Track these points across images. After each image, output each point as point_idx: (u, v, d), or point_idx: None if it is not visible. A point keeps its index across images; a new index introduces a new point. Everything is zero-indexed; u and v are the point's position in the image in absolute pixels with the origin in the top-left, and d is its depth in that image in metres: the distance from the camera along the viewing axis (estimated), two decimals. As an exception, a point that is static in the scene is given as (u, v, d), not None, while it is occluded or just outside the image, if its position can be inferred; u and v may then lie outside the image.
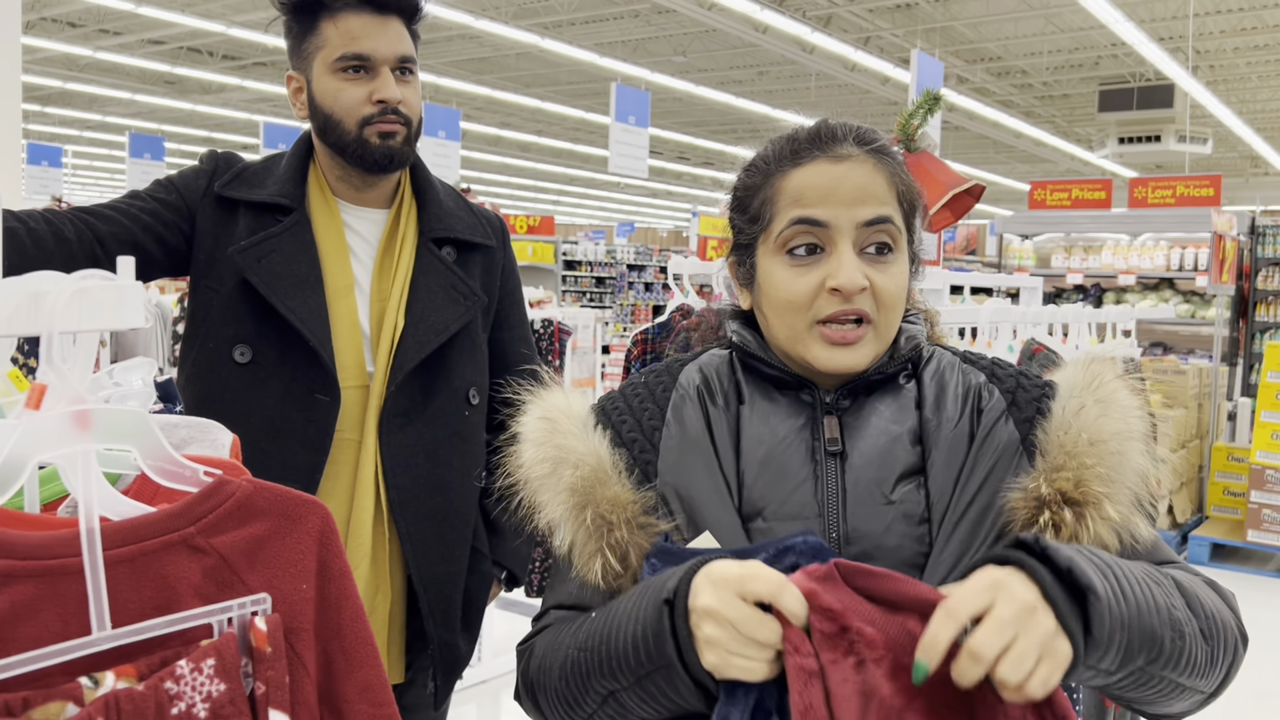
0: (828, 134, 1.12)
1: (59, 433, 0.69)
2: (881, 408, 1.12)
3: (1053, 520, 1.01)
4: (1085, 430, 1.03)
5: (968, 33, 13.93)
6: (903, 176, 1.13)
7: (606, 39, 14.41)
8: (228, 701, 0.73)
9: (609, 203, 33.33)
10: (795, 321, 1.09)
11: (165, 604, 0.73)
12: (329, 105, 1.72)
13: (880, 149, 1.12)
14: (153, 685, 0.70)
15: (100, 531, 0.70)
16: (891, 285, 1.08)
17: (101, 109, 19.74)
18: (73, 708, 0.68)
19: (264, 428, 1.66)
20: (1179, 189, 9.59)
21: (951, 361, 1.17)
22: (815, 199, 1.08)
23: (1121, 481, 1.02)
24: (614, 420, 1.16)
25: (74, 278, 0.66)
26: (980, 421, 1.10)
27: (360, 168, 1.75)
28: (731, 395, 1.16)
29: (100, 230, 1.62)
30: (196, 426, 0.90)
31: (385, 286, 1.76)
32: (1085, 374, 1.09)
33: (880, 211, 1.08)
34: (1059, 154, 20.42)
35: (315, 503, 0.81)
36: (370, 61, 1.70)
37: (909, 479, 1.07)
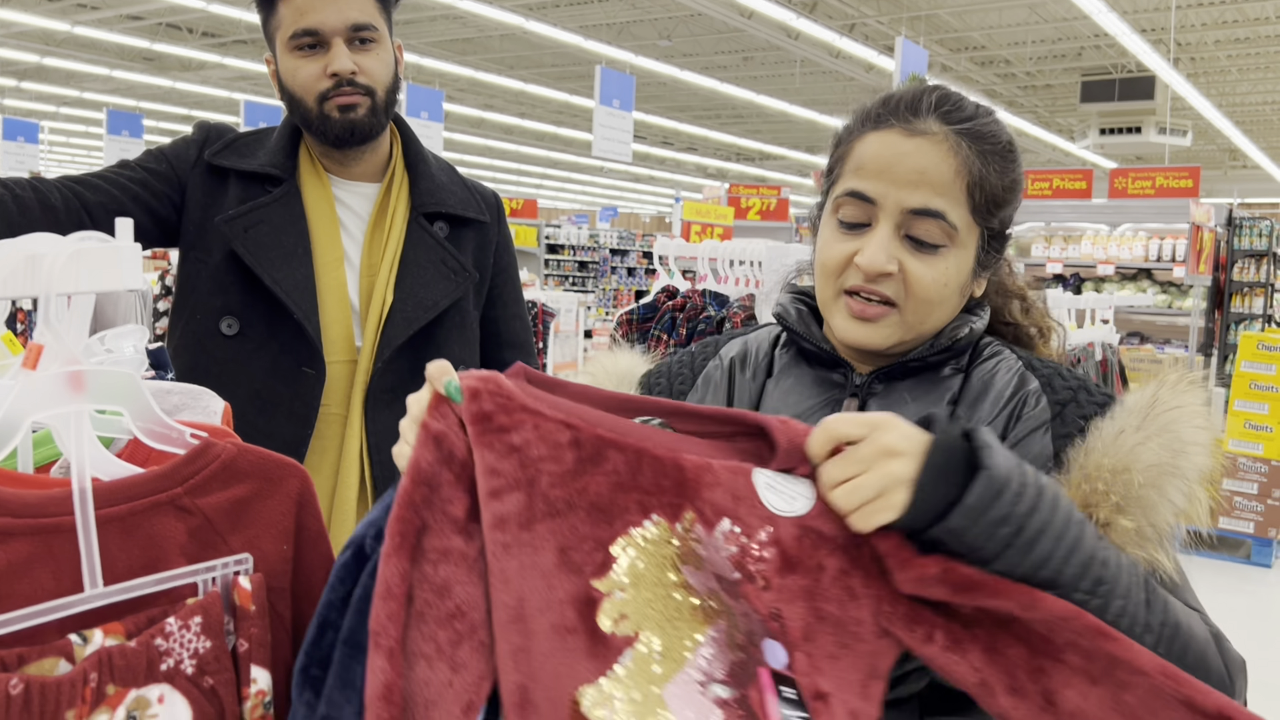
0: (911, 102, 1.04)
1: (54, 393, 0.70)
2: (910, 398, 1.07)
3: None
4: (1114, 456, 0.94)
5: (952, 21, 13.95)
6: (986, 169, 1.03)
7: (591, 21, 14.35)
8: (213, 658, 0.75)
9: (592, 187, 33.25)
10: (826, 286, 1.08)
11: (153, 563, 0.74)
12: (290, 84, 1.72)
13: (964, 131, 1.03)
14: (144, 642, 0.72)
15: (92, 491, 0.71)
16: (928, 277, 1.03)
17: (79, 85, 19.50)
18: (64, 663, 0.69)
19: (251, 400, 1.67)
20: (1159, 180, 9.68)
21: (1010, 365, 1.09)
22: (872, 171, 1.03)
23: (1141, 514, 0.92)
24: (651, 382, 1.20)
25: (71, 239, 0.67)
26: (1014, 428, 1.03)
27: (325, 143, 1.74)
28: (763, 368, 1.16)
29: (88, 199, 1.62)
30: (189, 393, 0.91)
31: (375, 261, 1.76)
32: (1147, 398, 0.99)
33: (931, 203, 1.01)
34: (1041, 144, 20.51)
35: (295, 466, 0.83)
36: (320, 35, 1.67)
37: None
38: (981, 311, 1.12)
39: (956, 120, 1.03)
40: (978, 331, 1.10)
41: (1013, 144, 1.07)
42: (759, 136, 22.50)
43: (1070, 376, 1.08)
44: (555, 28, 13.43)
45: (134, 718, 0.72)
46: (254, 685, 0.79)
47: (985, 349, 1.11)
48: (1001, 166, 1.05)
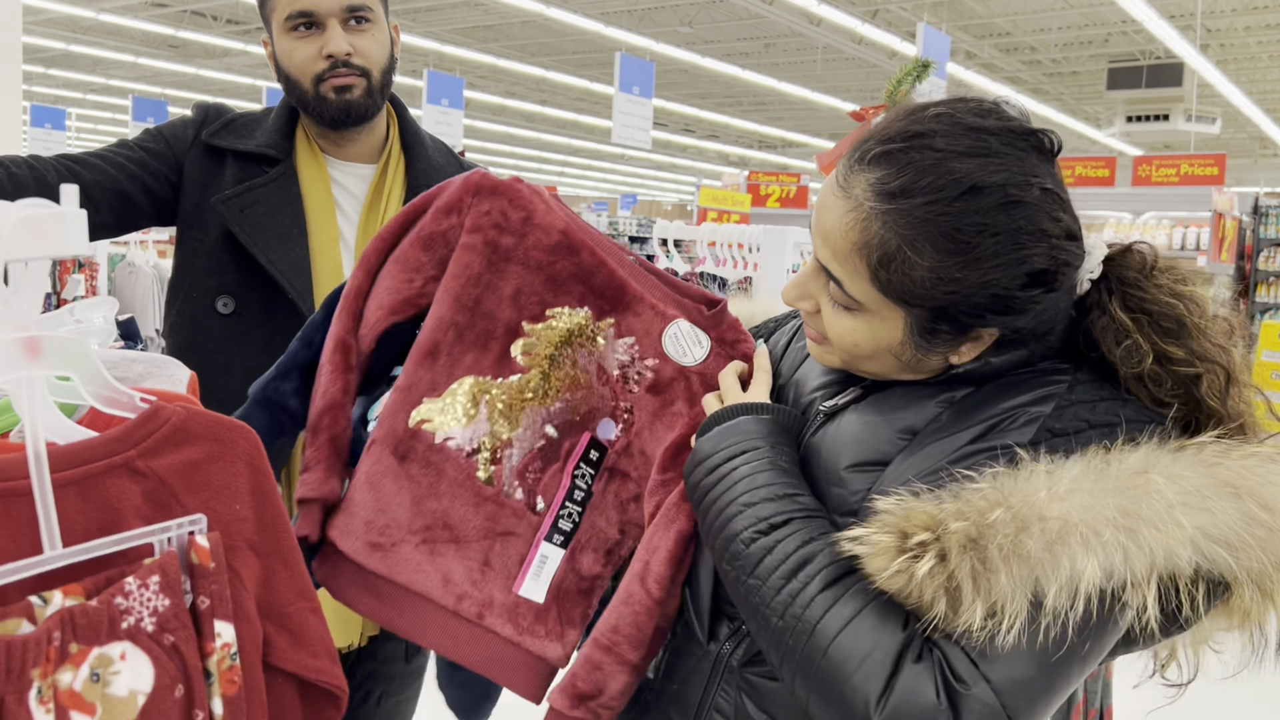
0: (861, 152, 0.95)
1: (8, 358, 0.72)
2: (905, 390, 1.02)
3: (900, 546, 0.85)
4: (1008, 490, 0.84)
5: (976, 7, 13.82)
6: (899, 250, 0.90)
7: (612, 8, 14.32)
8: (172, 616, 0.77)
9: (613, 175, 33.22)
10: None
11: (109, 525, 0.76)
12: (286, 65, 1.73)
13: (901, 209, 0.90)
14: (104, 601, 0.74)
15: (47, 455, 0.72)
16: (836, 329, 1.00)
17: (105, 72, 19.67)
18: (27, 624, 0.71)
19: (245, 378, 1.67)
20: (1183, 168, 9.56)
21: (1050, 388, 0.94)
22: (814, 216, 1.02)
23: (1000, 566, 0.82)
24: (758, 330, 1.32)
25: (17, 205, 0.68)
26: (981, 439, 0.92)
27: (322, 124, 1.76)
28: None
29: (85, 177, 1.63)
30: (154, 362, 0.93)
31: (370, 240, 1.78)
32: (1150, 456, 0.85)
33: (830, 265, 0.97)
34: (1066, 132, 20.30)
35: (244, 427, 0.85)
36: (316, 16, 1.69)
37: (869, 468, 0.98)
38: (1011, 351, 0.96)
39: (892, 193, 0.90)
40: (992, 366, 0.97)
41: (972, 240, 0.89)
42: (781, 124, 22.39)
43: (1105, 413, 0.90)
44: (576, 14, 13.41)
45: (98, 675, 0.74)
46: (218, 639, 0.81)
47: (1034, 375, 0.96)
48: (937, 259, 0.89)
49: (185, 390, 0.92)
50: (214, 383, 1.70)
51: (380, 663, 1.87)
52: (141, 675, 0.74)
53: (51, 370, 0.75)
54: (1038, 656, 0.83)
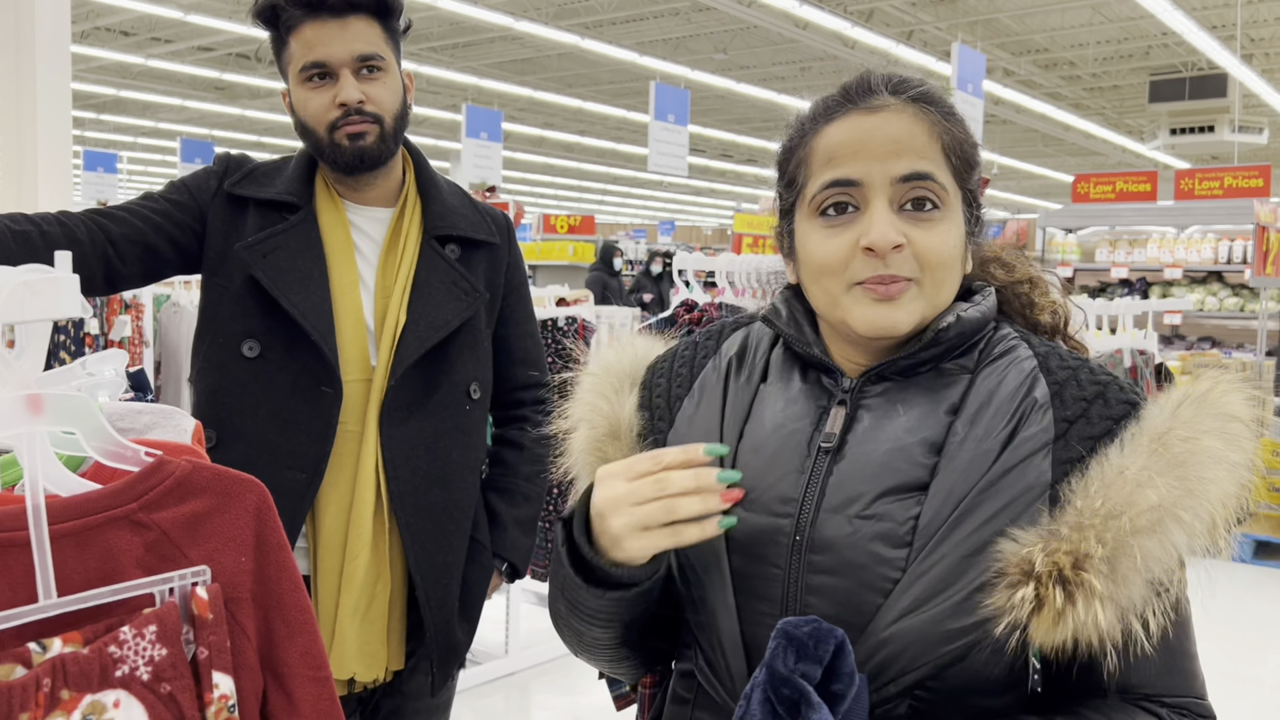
0: (861, 85, 1.02)
1: (11, 414, 0.75)
2: (903, 408, 1.00)
3: (1037, 595, 0.87)
4: (1110, 498, 0.88)
5: (1013, 24, 13.75)
6: (952, 127, 1.01)
7: (647, 38, 14.44)
8: (169, 665, 0.78)
9: (653, 202, 33.37)
10: (831, 286, 1.00)
11: (109, 575, 0.78)
12: (302, 114, 1.78)
13: (922, 95, 1.01)
14: (97, 649, 0.76)
15: (46, 507, 0.75)
16: (936, 243, 0.97)
17: (154, 116, 20.20)
18: (21, 669, 0.74)
19: (272, 420, 1.73)
20: (1227, 180, 9.41)
21: (1024, 366, 0.99)
22: (847, 155, 0.99)
23: (1132, 574, 0.87)
24: (650, 381, 1.17)
25: (18, 271, 0.71)
26: (1008, 452, 0.94)
27: (337, 170, 1.81)
28: (758, 370, 1.10)
29: (112, 231, 1.69)
30: (160, 413, 0.95)
31: (389, 283, 1.82)
32: (1163, 422, 0.91)
33: (918, 166, 0.97)
34: (1109, 146, 20.07)
35: (252, 481, 0.86)
36: (329, 66, 1.74)
37: (905, 494, 0.95)
38: (979, 298, 1.04)
39: (910, 90, 1.01)
40: (969, 321, 1.01)
41: (957, 109, 1.06)
42: (819, 146, 22.32)
43: (1089, 382, 0.97)
44: (611, 45, 13.55)
45: (90, 722, 0.76)
46: (216, 690, 0.83)
47: (999, 343, 1.02)
48: (961, 127, 1.03)
49: (190, 440, 0.95)
50: (242, 424, 1.75)
51: (406, 698, 1.89)
52: (136, 723, 0.76)
53: (54, 426, 0.78)
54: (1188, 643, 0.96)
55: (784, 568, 0.97)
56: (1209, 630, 3.31)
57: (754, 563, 0.99)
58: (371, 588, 1.76)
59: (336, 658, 1.73)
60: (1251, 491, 0.91)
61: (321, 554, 1.76)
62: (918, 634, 0.90)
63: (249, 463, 1.10)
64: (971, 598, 0.90)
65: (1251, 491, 0.91)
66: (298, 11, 1.73)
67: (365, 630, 1.76)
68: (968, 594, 0.90)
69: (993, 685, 0.94)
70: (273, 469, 1.69)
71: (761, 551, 0.99)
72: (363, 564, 1.75)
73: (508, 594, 4.36)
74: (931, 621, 0.90)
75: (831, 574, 0.95)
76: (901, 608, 0.91)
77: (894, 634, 0.91)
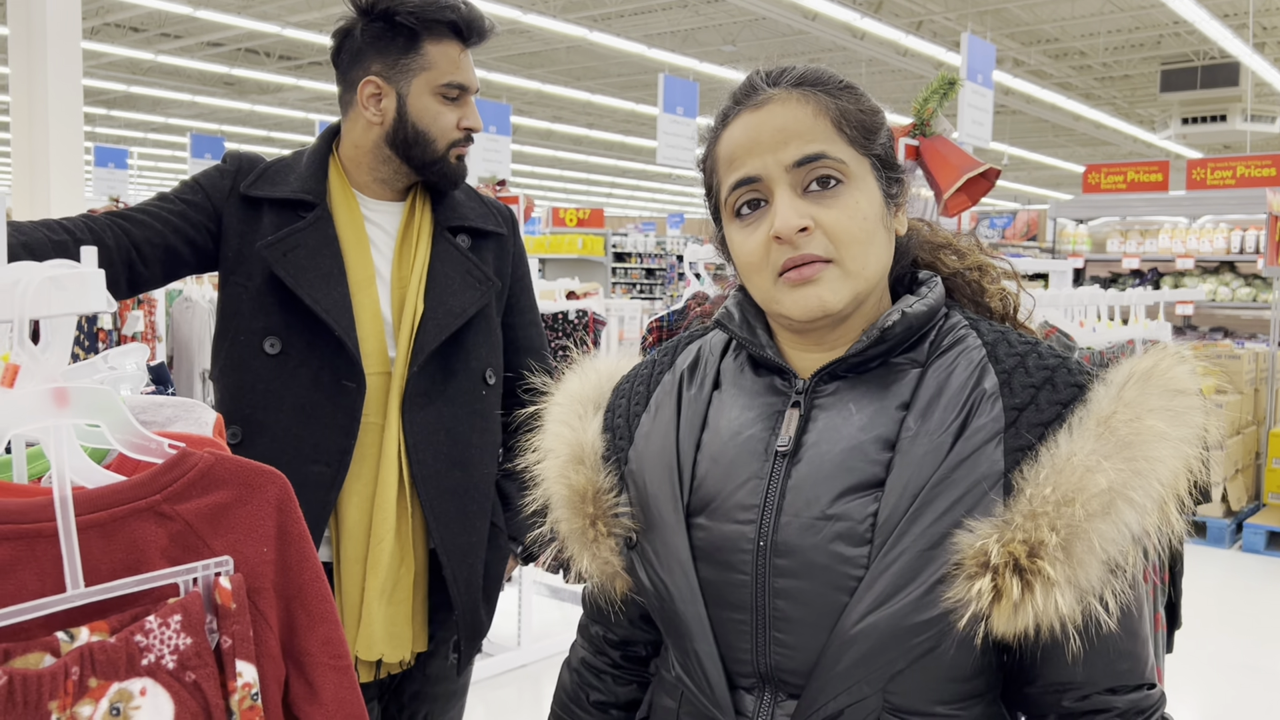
0: (746, 85, 1.05)
1: (37, 407, 0.76)
2: (855, 406, 1.01)
3: (995, 585, 0.88)
4: (1061, 485, 0.89)
5: (1022, 14, 13.69)
6: (839, 101, 1.02)
7: (655, 30, 14.42)
8: (194, 654, 0.80)
9: (662, 194, 33.34)
10: (760, 282, 1.02)
11: (134, 566, 0.80)
12: (425, 124, 1.83)
13: (801, 79, 1.03)
14: (123, 638, 0.77)
15: (73, 499, 0.76)
16: (844, 219, 0.98)
17: (164, 111, 20.26)
18: (50, 658, 0.75)
19: (296, 414, 1.76)
20: (1239, 169, 9.34)
21: (972, 356, 1.00)
22: (743, 154, 1.01)
23: (1088, 557, 0.89)
24: (611, 403, 1.17)
25: (44, 267, 0.73)
26: (963, 438, 0.95)
27: (439, 184, 1.89)
28: (710, 378, 1.11)
29: (135, 235, 1.72)
30: (181, 406, 0.97)
31: (405, 274, 1.85)
32: (1108, 406, 0.92)
33: (807, 149, 0.99)
34: (1120, 136, 19.97)
35: (274, 473, 0.87)
36: (468, 90, 1.86)
37: (862, 492, 0.96)
38: (925, 290, 1.05)
39: (789, 77, 1.03)
40: (916, 316, 1.02)
41: (849, 81, 1.07)
42: (828, 138, 22.24)
43: (1037, 368, 0.97)
44: (619, 37, 13.53)
45: (117, 709, 0.77)
46: (240, 679, 0.84)
47: (949, 334, 1.03)
48: (853, 97, 1.04)
49: (211, 433, 0.96)
50: (266, 420, 1.77)
51: (429, 681, 1.92)
52: (162, 711, 0.77)
53: (80, 418, 0.79)
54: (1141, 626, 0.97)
55: (750, 574, 0.99)
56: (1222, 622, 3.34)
57: (721, 571, 1.01)
58: (396, 570, 1.80)
59: (365, 640, 1.76)
60: (1205, 465, 0.92)
61: (345, 542, 1.78)
62: (885, 629, 0.92)
63: (274, 458, 1.12)
64: (934, 590, 0.91)
65: (1205, 465, 0.92)
66: (455, 32, 1.82)
67: (391, 612, 1.79)
68: (930, 587, 0.91)
69: (962, 672, 0.97)
70: (298, 464, 1.72)
71: (727, 559, 1.01)
72: (388, 548, 1.78)
73: (520, 586, 4.38)
74: (898, 616, 0.92)
75: (796, 577, 0.96)
76: (867, 605, 0.93)
77: (862, 631, 0.93)
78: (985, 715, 1.00)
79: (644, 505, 1.07)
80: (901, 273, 1.10)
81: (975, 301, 1.13)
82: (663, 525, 1.05)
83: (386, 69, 1.82)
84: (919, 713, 0.96)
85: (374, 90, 1.83)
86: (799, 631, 0.96)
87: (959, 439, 0.95)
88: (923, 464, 0.95)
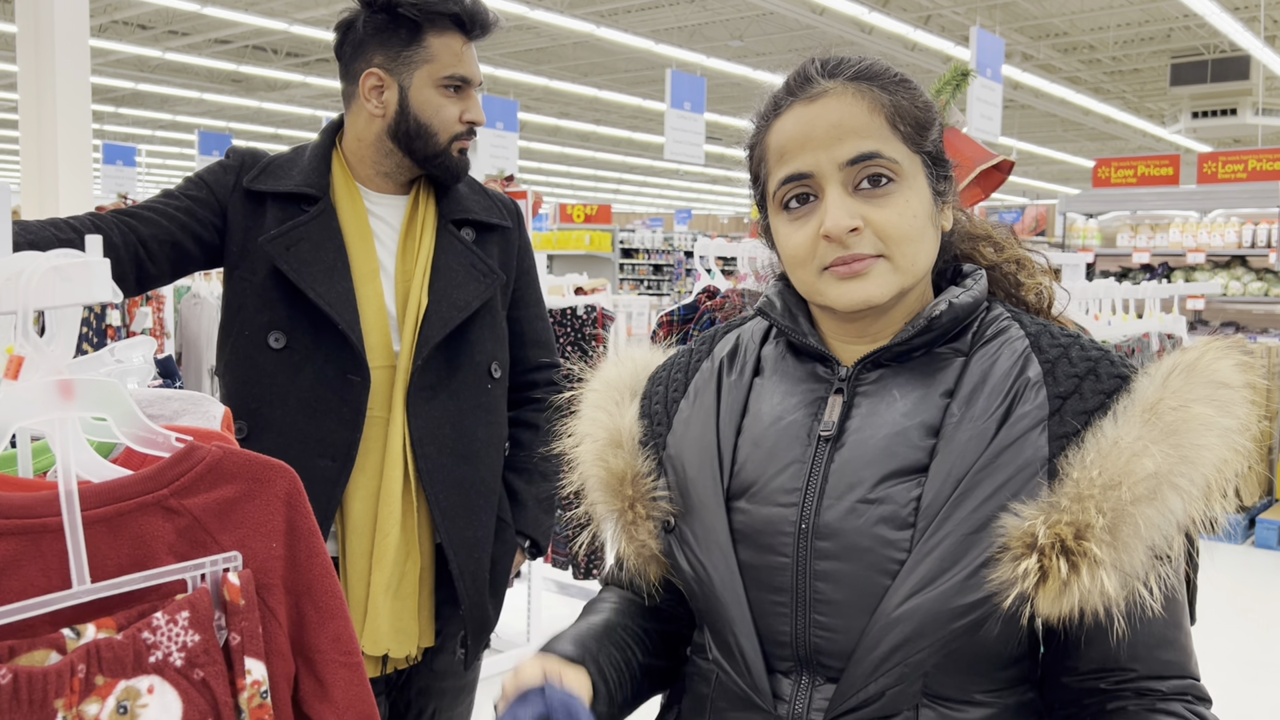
0: (800, 75, 1.04)
1: (42, 400, 0.75)
2: (899, 393, 1.01)
3: (1041, 566, 0.89)
4: (1107, 469, 0.89)
5: (1031, 8, 13.62)
6: (895, 97, 1.02)
7: (662, 25, 14.38)
8: (202, 651, 0.78)
9: (669, 190, 33.29)
10: (805, 275, 1.03)
11: (141, 561, 0.78)
12: (427, 116, 1.82)
13: (859, 73, 1.02)
14: (130, 635, 0.76)
15: (79, 493, 0.75)
16: (894, 217, 0.99)
17: (172, 109, 20.29)
18: (55, 655, 0.74)
19: (301, 408, 1.75)
20: (1250, 163, 9.30)
21: (1016, 346, 1.01)
22: (795, 148, 1.01)
23: (1134, 541, 0.89)
24: (649, 390, 1.19)
25: (48, 256, 0.71)
26: (1004, 430, 0.95)
27: (441, 177, 1.87)
28: (750, 365, 1.12)
29: (142, 233, 1.72)
30: (189, 399, 0.95)
31: (409, 268, 1.84)
32: (1154, 392, 0.92)
33: (862, 147, 0.99)
34: (1130, 130, 19.88)
35: (282, 467, 0.86)
36: (470, 82, 1.84)
37: (905, 477, 0.97)
38: (970, 282, 1.05)
39: (846, 70, 1.03)
40: (962, 306, 1.02)
41: (905, 75, 1.06)
42: (836, 133, 22.17)
43: (1080, 359, 0.98)
44: (626, 33, 13.50)
45: (125, 707, 0.76)
46: (249, 676, 0.83)
47: (991, 325, 1.04)
48: (907, 92, 1.04)
49: (219, 426, 0.95)
50: (271, 415, 1.76)
51: (436, 676, 1.91)
52: (170, 709, 0.76)
53: (85, 411, 0.78)
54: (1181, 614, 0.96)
55: (791, 557, 0.99)
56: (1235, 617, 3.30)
57: (762, 554, 1.01)
58: (402, 565, 1.79)
59: (370, 635, 1.75)
60: (1245, 456, 0.91)
61: (350, 536, 1.78)
62: (927, 612, 0.92)
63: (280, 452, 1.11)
64: (977, 573, 0.91)
65: (1245, 456, 0.91)
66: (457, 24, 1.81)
67: (397, 607, 1.78)
68: (973, 570, 0.91)
69: (1002, 659, 0.97)
70: (304, 458, 1.70)
71: (768, 542, 1.01)
72: (393, 543, 1.77)
73: (529, 582, 4.37)
74: (940, 599, 0.92)
75: (838, 559, 0.97)
76: (910, 587, 0.93)
77: (904, 613, 0.93)
78: (1021, 704, 1.00)
79: (683, 489, 1.08)
80: (943, 266, 1.10)
81: (1011, 295, 1.13)
82: (702, 508, 1.05)
83: (389, 61, 1.81)
84: (957, 700, 0.95)
85: (376, 82, 1.82)
86: (840, 614, 0.96)
87: (1003, 425, 0.96)
88: (967, 449, 0.95)
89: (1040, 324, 1.04)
